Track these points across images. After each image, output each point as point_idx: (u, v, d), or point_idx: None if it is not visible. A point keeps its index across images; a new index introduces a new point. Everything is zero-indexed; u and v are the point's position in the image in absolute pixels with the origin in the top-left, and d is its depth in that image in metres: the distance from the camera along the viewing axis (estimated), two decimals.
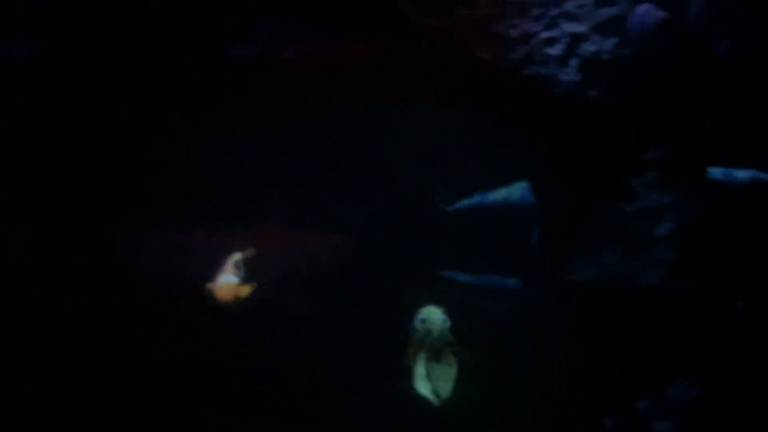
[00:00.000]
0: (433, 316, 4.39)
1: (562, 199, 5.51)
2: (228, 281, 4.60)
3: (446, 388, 4.47)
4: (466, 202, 5.49)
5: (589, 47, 5.11)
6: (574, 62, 5.16)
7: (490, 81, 5.25)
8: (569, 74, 5.17)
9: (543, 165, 5.47)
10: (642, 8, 4.80)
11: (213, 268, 4.66)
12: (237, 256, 4.69)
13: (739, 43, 4.66)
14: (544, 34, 5.18)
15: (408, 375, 4.46)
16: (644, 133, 5.24)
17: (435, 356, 4.47)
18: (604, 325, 5.38)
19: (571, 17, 5.14)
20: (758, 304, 5.15)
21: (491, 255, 5.50)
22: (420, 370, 4.47)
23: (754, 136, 5.24)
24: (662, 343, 5.32)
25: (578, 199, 5.46)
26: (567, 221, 5.51)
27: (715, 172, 5.20)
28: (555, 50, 5.17)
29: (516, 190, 5.53)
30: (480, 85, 5.24)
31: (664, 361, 5.34)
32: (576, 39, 5.13)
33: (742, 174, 5.15)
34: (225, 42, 4.88)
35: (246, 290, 4.61)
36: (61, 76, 5.03)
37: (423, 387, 4.48)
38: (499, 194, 5.52)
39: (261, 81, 4.95)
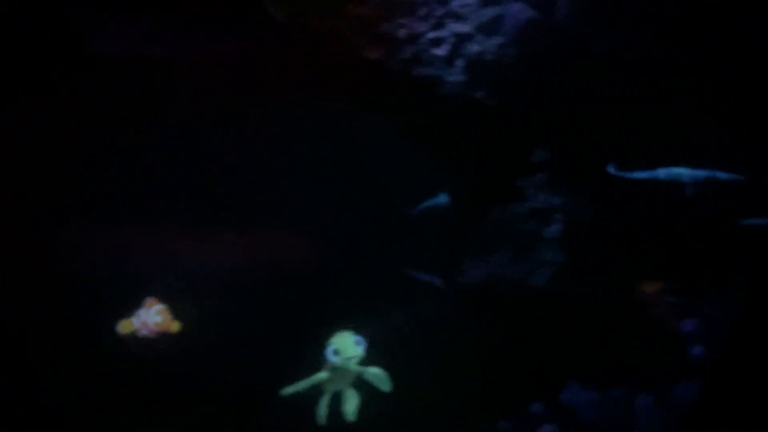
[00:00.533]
0: (346, 344, 4.29)
1: (458, 200, 5.51)
2: (156, 320, 4.67)
3: (352, 410, 4.50)
4: (425, 205, 5.52)
5: (473, 47, 5.08)
6: (460, 63, 5.14)
7: (379, 81, 5.22)
8: (455, 75, 5.15)
9: (438, 167, 5.46)
10: (514, 7, 4.79)
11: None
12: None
13: (610, 42, 4.65)
14: (431, 34, 5.16)
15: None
16: (532, 133, 5.23)
17: (347, 382, 4.48)
18: (497, 327, 5.35)
19: (457, 17, 5.11)
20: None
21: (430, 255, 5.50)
22: (325, 397, 4.51)
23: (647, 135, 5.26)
24: (552, 346, 5.30)
25: (471, 201, 5.45)
26: (462, 223, 5.49)
27: (661, 172, 5.21)
28: (441, 50, 5.14)
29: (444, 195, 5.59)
30: (368, 85, 5.21)
31: (555, 364, 5.32)
32: (461, 39, 5.10)
33: (686, 173, 5.17)
34: (84, 38, 4.78)
35: (176, 325, 4.67)
36: None
37: (322, 412, 4.52)
38: (437, 198, 5.55)
39: (125, 79, 4.86)
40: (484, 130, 5.23)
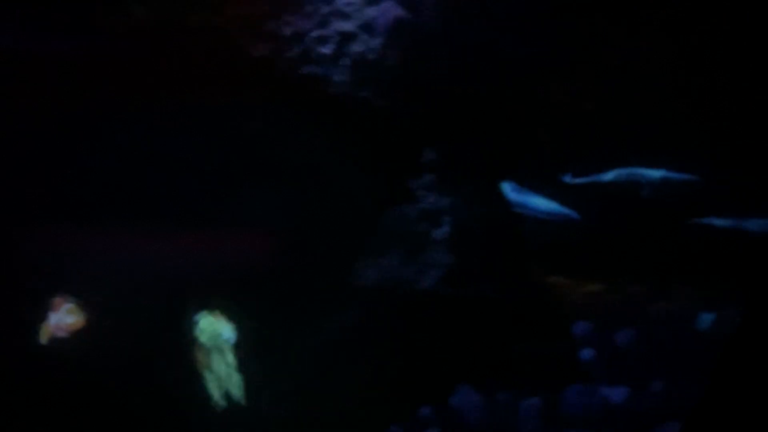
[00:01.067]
0: (214, 327, 4.54)
1: (351, 201, 5.44)
2: (68, 320, 4.67)
3: (237, 392, 4.65)
4: None
5: (357, 47, 5.01)
6: (345, 62, 5.07)
7: (266, 80, 5.13)
8: (341, 74, 5.08)
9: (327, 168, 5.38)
10: (383, 6, 4.73)
11: None
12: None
13: (482, 38, 4.60)
14: (317, 33, 5.07)
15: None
16: (419, 134, 5.17)
17: (224, 363, 4.63)
18: (388, 330, 5.30)
19: (342, 15, 5.04)
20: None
21: None
22: (210, 376, 4.63)
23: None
24: (442, 349, 5.26)
25: (361, 202, 5.38)
26: (354, 224, 5.43)
27: (608, 175, 5.22)
28: (327, 49, 5.06)
29: None
30: (253, 84, 5.12)
31: (446, 367, 5.28)
32: (345, 38, 5.03)
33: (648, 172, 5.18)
34: None
35: (81, 323, 4.70)
36: None
37: (214, 390, 4.63)
38: None
39: None
40: (373, 130, 5.16)
